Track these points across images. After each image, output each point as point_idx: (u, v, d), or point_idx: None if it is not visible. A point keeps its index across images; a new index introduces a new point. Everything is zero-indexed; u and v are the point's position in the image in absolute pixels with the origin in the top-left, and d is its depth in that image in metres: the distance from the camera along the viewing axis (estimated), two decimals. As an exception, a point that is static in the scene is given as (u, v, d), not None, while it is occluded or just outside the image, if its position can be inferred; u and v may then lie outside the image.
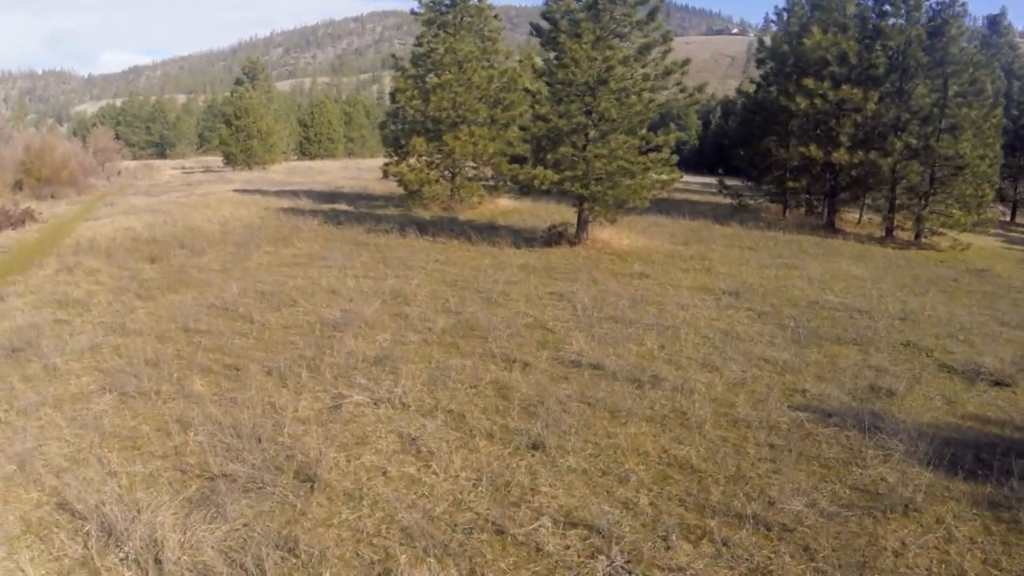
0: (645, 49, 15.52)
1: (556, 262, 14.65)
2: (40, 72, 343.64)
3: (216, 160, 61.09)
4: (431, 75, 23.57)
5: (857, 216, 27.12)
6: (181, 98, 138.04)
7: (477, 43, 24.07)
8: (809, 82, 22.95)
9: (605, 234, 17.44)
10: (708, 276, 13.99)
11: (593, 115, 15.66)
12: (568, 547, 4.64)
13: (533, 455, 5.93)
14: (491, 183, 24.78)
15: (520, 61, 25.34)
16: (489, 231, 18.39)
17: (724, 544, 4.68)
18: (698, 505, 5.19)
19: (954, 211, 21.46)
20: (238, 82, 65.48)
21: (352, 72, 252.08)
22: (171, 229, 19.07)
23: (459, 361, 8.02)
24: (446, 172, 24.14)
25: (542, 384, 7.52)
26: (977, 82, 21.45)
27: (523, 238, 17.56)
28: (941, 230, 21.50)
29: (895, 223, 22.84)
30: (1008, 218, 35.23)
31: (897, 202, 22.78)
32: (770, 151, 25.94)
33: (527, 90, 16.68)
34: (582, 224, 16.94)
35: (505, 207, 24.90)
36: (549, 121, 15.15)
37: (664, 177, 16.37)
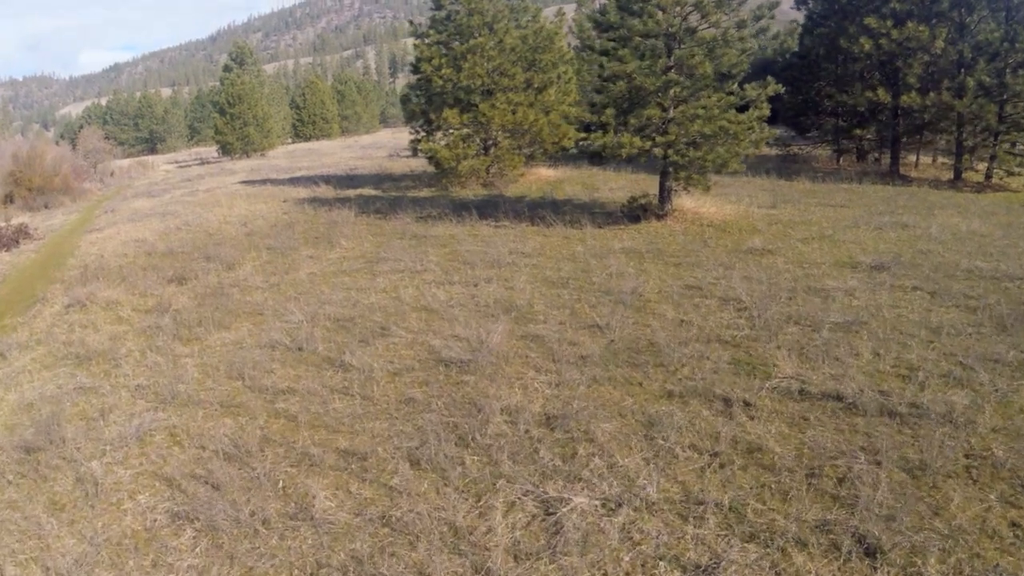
0: (719, 4, 12.89)
1: (660, 243, 12.27)
2: (21, 79, 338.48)
3: (210, 151, 58.43)
4: (454, 41, 20.94)
5: (914, 160, 24.94)
6: (167, 91, 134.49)
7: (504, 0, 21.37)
8: (872, 21, 20.46)
9: (688, 203, 15.06)
10: (835, 247, 11.68)
11: (674, 70, 13.13)
12: None
13: (876, 568, 3.97)
14: (527, 152, 22.20)
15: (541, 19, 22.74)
16: (553, 208, 15.98)
17: None
18: None
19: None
20: (226, 68, 62.32)
21: (334, 50, 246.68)
22: (187, 236, 16.70)
23: (661, 409, 5.74)
24: (481, 145, 21.61)
25: (790, 436, 5.40)
26: (1045, 14, 19.29)
27: (598, 214, 15.15)
28: (1018, 170, 19.74)
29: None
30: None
31: (966, 144, 20.87)
32: (832, 97, 23.61)
33: (590, 47, 14.12)
34: (665, 194, 14.51)
35: (548, 177, 22.41)
36: (632, 79, 12.64)
37: (755, 136, 13.89)
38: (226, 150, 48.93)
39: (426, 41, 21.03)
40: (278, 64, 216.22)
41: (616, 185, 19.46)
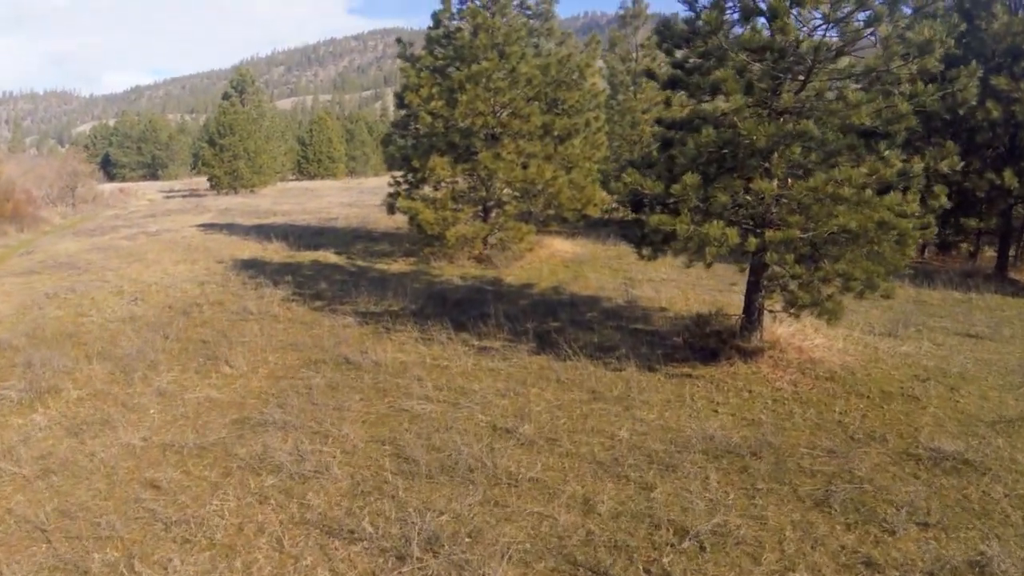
0: (894, 3, 7.57)
1: (767, 425, 6.70)
2: (42, 93, 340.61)
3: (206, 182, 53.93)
4: (451, 68, 15.84)
5: (1013, 256, 19.53)
6: (177, 117, 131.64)
7: (523, 18, 16.34)
8: (1002, 81, 15.21)
9: (783, 328, 9.56)
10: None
11: (792, 115, 7.80)
12: None
13: None
14: (541, 218, 16.91)
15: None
16: (572, 316, 10.62)
17: None
18: None
19: None
20: (225, 96, 58.06)
21: (354, 89, 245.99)
22: (53, 313, 11.65)
23: None
24: (479, 206, 16.39)
25: None
26: None
27: (644, 335, 9.70)
28: None
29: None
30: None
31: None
32: (945, 176, 18.31)
33: (650, 74, 8.93)
34: (755, 315, 9.10)
35: (565, 255, 17.01)
36: (727, 125, 7.38)
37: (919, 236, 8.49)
38: (214, 184, 44.25)
39: (416, 66, 15.97)
40: (296, 99, 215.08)
41: (660, 275, 14.06)
